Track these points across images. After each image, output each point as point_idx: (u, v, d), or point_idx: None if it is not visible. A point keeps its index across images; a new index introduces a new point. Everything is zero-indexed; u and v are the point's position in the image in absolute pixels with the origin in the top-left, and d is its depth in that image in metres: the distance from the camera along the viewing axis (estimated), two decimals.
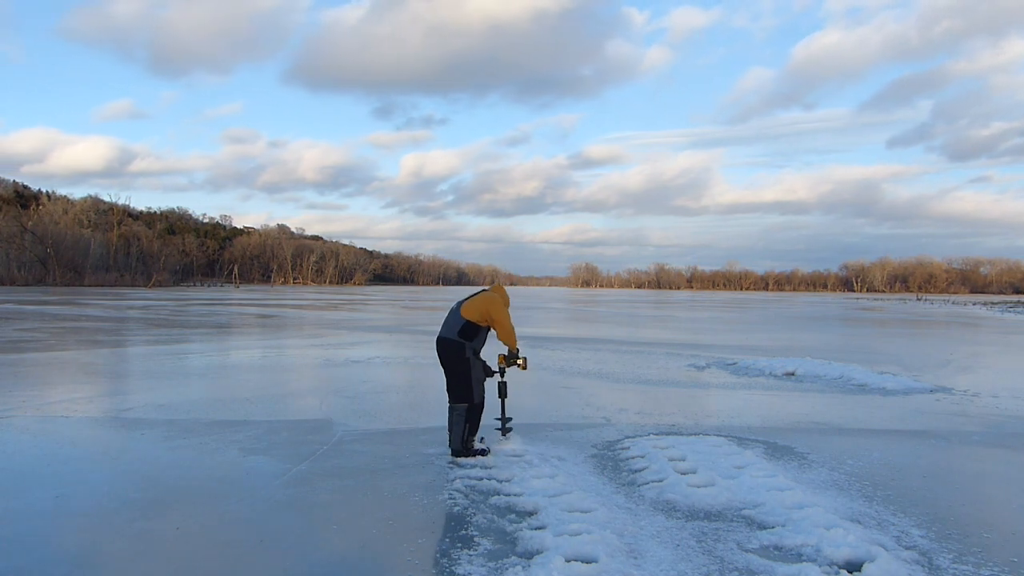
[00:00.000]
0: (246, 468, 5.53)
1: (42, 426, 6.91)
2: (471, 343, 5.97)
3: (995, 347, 19.49)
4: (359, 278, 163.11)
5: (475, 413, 5.93)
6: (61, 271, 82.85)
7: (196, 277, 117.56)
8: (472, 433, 5.95)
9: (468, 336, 5.95)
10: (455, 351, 5.94)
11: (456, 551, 3.94)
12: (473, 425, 5.93)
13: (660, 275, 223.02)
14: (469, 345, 5.96)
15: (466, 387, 5.89)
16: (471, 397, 5.88)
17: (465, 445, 5.87)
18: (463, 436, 5.86)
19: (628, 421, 7.67)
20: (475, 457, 5.82)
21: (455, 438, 5.87)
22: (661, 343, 18.24)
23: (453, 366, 5.95)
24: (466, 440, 5.88)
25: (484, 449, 5.95)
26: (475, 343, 6.00)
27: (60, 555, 3.82)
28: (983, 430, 7.53)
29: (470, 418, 5.89)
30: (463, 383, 5.90)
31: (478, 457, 5.82)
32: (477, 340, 6.02)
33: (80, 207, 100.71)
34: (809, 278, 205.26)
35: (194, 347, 15.16)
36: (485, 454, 5.89)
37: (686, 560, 3.87)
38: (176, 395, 8.88)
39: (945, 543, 4.17)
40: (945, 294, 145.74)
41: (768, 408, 8.75)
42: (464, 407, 5.87)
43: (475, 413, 5.93)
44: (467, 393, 5.88)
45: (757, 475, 5.44)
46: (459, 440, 5.85)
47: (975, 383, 11.16)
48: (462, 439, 5.86)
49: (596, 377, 11.27)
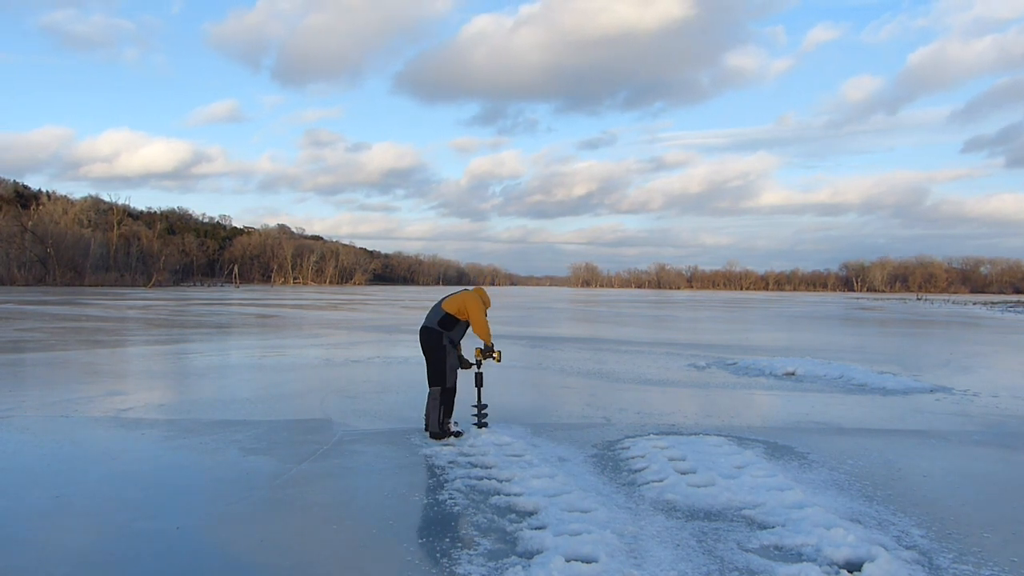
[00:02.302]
0: (246, 468, 5.53)
1: (42, 426, 6.91)
2: (449, 333, 6.60)
3: (995, 347, 19.49)
4: (359, 278, 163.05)
5: (448, 396, 6.53)
6: (61, 271, 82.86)
7: (196, 277, 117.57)
8: (447, 415, 6.52)
9: (447, 326, 6.59)
10: (434, 339, 6.58)
11: (456, 551, 3.94)
12: (448, 408, 6.53)
13: (660, 275, 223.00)
14: (447, 334, 6.59)
15: (441, 372, 6.50)
16: (444, 381, 6.49)
17: (442, 427, 6.45)
18: (439, 418, 6.44)
19: (628, 421, 7.68)
20: (450, 437, 6.42)
21: (432, 420, 6.44)
22: (661, 343, 18.24)
23: (431, 352, 6.57)
24: (442, 422, 6.46)
25: (459, 431, 6.56)
26: (453, 333, 6.63)
27: (60, 555, 3.82)
28: (983, 430, 7.53)
29: (444, 401, 6.48)
30: (439, 368, 6.51)
31: (452, 438, 6.43)
32: (455, 331, 6.64)
33: (80, 207, 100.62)
34: (809, 278, 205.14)
35: (194, 347, 15.16)
36: (459, 435, 6.49)
37: (686, 560, 3.87)
38: (176, 395, 8.88)
39: (945, 543, 4.17)
40: (945, 294, 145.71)
41: (768, 408, 8.75)
42: (438, 390, 6.46)
43: (448, 396, 6.53)
44: (441, 377, 6.49)
45: (757, 475, 5.44)
46: (436, 422, 6.42)
47: (975, 383, 11.16)
48: (439, 421, 6.43)
49: (596, 377, 11.27)
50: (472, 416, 6.90)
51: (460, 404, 7.02)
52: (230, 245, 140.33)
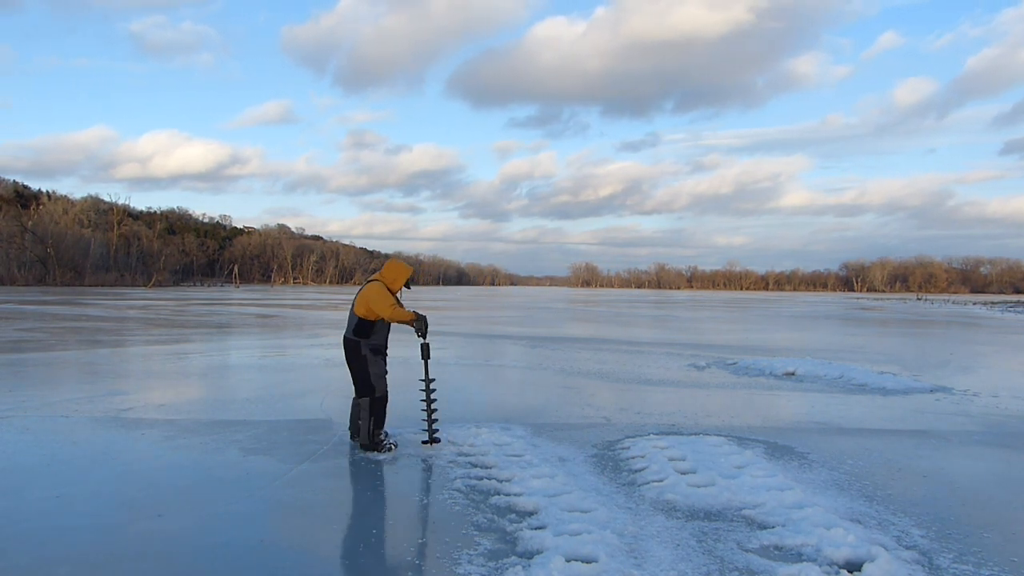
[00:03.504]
0: (246, 468, 5.53)
1: (42, 426, 6.90)
2: (367, 340, 6.06)
3: (995, 347, 19.49)
4: (359, 278, 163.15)
5: (378, 406, 6.03)
6: (61, 271, 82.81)
7: (196, 277, 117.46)
8: (378, 426, 6.04)
9: (363, 333, 6.05)
10: (352, 349, 6.10)
11: (456, 551, 3.94)
12: (379, 418, 6.04)
13: (660, 275, 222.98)
14: (365, 343, 6.05)
15: (366, 383, 6.03)
16: (372, 391, 6.02)
17: (373, 439, 5.97)
18: (370, 430, 5.96)
19: (628, 421, 7.68)
20: (385, 451, 5.96)
21: (364, 434, 5.97)
22: (661, 343, 18.24)
23: (352, 363, 6.12)
24: (373, 434, 5.98)
25: (392, 443, 6.07)
26: (372, 339, 6.08)
27: (60, 555, 3.82)
28: (983, 430, 7.53)
29: (374, 411, 6.00)
30: (364, 379, 6.04)
31: (387, 452, 5.96)
32: (375, 335, 6.09)
33: (80, 207, 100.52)
34: (809, 278, 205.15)
35: (194, 347, 15.16)
36: (393, 448, 6.02)
37: (686, 560, 3.87)
38: (176, 395, 8.88)
39: (945, 543, 4.17)
40: (945, 294, 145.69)
41: (768, 408, 8.75)
42: (367, 400, 5.99)
43: (378, 406, 6.03)
44: (368, 388, 6.02)
45: (757, 475, 5.44)
46: (367, 435, 5.97)
47: (975, 383, 11.16)
48: (369, 433, 5.96)
49: (596, 377, 11.27)
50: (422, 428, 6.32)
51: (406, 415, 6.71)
52: (230, 245, 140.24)
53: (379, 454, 5.92)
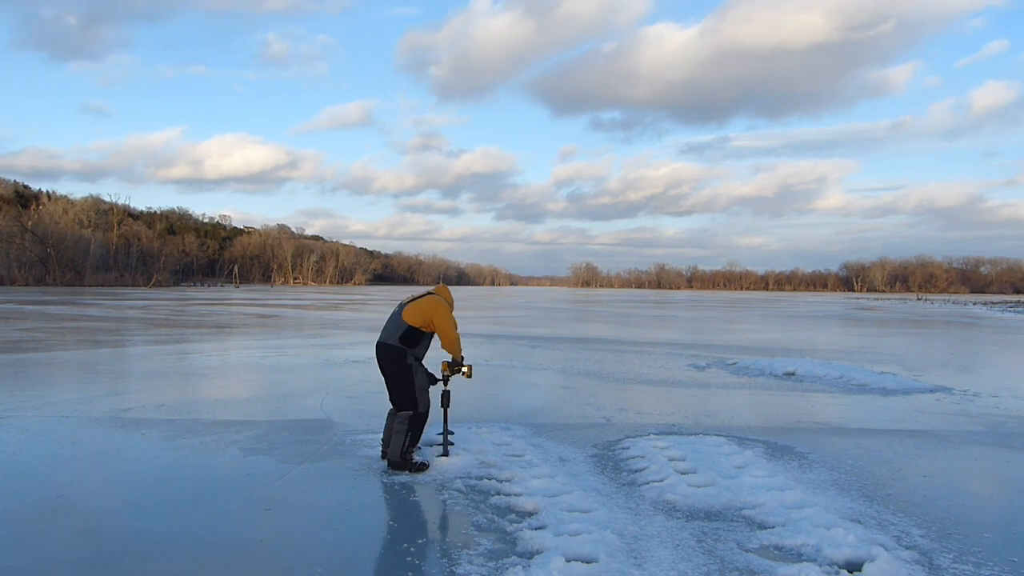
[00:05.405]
0: (246, 468, 5.53)
1: (42, 426, 6.90)
2: (413, 350, 5.58)
3: (995, 347, 19.49)
4: (359, 278, 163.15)
5: (418, 422, 5.54)
6: (61, 271, 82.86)
7: (196, 277, 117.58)
8: (413, 444, 5.53)
9: (410, 342, 5.57)
10: (396, 357, 5.55)
11: (456, 551, 3.94)
12: (415, 435, 5.54)
13: (660, 275, 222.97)
14: (411, 352, 5.57)
15: (409, 396, 5.51)
16: (416, 405, 5.51)
17: (404, 457, 5.45)
18: (403, 447, 5.45)
19: (628, 421, 7.68)
20: (413, 473, 5.40)
21: (395, 449, 5.45)
22: (661, 343, 18.25)
23: (394, 373, 5.56)
24: (407, 451, 5.47)
25: (424, 462, 5.52)
26: (417, 350, 5.62)
27: (60, 555, 3.82)
28: (983, 430, 7.53)
29: (412, 427, 5.50)
30: (406, 391, 5.52)
31: (416, 473, 5.40)
32: (420, 347, 5.64)
33: (80, 207, 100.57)
34: (809, 278, 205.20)
35: (194, 347, 15.16)
36: (424, 468, 5.46)
37: (686, 560, 3.87)
38: (176, 395, 8.88)
39: (945, 543, 4.17)
40: (945, 294, 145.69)
41: (768, 408, 8.75)
42: (408, 415, 5.48)
43: (418, 422, 5.54)
44: (411, 401, 5.50)
45: (757, 475, 5.44)
46: (399, 451, 5.44)
47: (975, 383, 11.16)
48: (402, 450, 5.44)
49: (596, 377, 11.27)
50: (437, 443, 5.92)
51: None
52: (230, 245, 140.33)
53: (409, 474, 5.38)
